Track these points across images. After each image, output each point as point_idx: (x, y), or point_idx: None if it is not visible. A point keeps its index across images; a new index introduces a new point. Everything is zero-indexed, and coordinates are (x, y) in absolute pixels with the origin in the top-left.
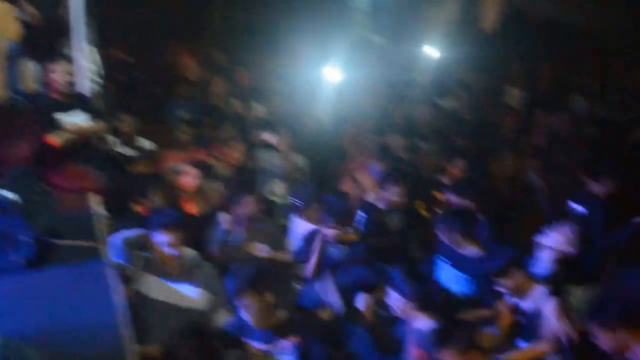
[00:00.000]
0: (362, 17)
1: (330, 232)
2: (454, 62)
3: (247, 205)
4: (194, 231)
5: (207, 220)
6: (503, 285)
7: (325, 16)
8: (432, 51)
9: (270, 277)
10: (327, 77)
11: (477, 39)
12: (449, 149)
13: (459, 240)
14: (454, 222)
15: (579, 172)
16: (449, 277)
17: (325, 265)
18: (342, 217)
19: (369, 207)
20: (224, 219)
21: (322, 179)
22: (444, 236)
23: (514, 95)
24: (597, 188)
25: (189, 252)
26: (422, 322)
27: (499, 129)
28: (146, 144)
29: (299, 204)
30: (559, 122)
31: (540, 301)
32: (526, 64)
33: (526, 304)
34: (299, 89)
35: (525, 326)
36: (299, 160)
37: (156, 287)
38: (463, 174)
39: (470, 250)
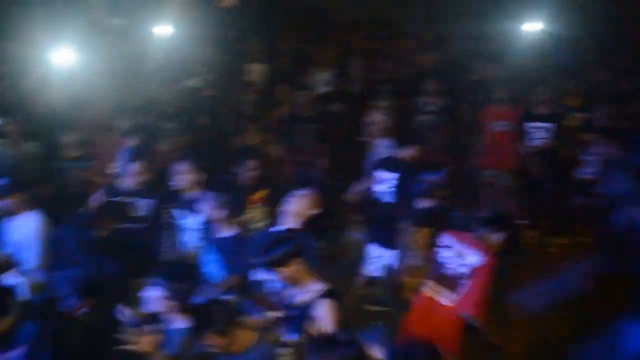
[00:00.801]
0: None
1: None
2: (194, 40)
3: None
4: None
5: None
6: (279, 274)
7: None
8: (171, 30)
9: None
10: (60, 60)
11: (216, 16)
12: (191, 127)
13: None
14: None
15: (318, 147)
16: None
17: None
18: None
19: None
20: None
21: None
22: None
23: (255, 72)
24: (404, 153)
25: None
26: (179, 322)
27: (241, 106)
28: None
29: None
30: (301, 97)
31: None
32: (266, 40)
33: (300, 296)
34: (29, 73)
35: (296, 318)
36: (31, 147)
37: None
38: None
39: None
